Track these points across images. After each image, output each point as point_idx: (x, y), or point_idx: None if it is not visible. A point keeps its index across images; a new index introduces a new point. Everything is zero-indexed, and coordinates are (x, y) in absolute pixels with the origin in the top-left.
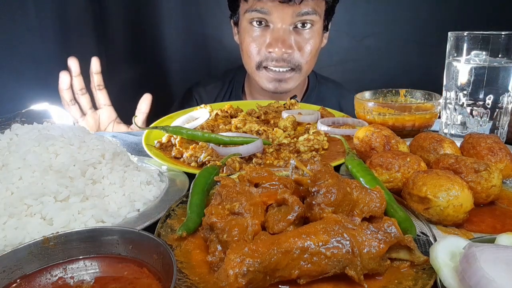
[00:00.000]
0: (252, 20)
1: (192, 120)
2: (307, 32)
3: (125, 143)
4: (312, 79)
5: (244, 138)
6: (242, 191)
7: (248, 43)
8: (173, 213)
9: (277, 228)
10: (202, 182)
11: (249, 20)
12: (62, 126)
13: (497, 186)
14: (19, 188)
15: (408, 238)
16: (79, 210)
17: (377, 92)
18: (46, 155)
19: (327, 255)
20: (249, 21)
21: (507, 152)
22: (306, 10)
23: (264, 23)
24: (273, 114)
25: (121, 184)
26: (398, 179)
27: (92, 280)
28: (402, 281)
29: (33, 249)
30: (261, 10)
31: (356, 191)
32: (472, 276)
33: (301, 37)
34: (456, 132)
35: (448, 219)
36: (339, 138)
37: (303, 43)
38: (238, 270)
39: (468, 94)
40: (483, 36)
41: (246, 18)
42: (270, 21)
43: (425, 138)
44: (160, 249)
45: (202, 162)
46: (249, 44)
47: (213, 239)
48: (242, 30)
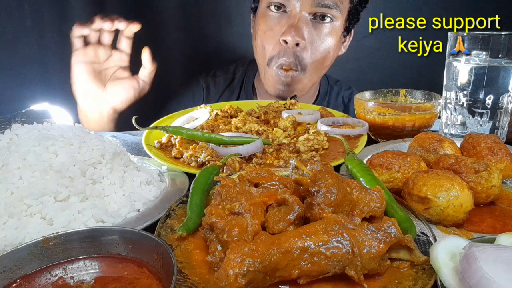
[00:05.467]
0: (270, 4)
1: (192, 120)
2: (326, 26)
3: (125, 143)
4: (323, 85)
5: (244, 138)
6: (242, 191)
7: (263, 29)
8: (173, 213)
9: (277, 228)
10: (202, 182)
11: (268, 4)
12: (62, 126)
13: (497, 186)
14: (19, 188)
15: (408, 238)
16: (79, 210)
17: (377, 92)
18: (46, 155)
19: (327, 255)
20: (268, 4)
21: (507, 152)
22: (327, 2)
23: (282, 9)
24: (273, 114)
25: (121, 184)
26: (398, 179)
27: (92, 280)
28: (402, 281)
29: (33, 249)
30: None
31: (356, 191)
32: (472, 276)
33: (318, 31)
34: (456, 132)
35: (448, 219)
36: (339, 138)
37: (317, 38)
38: (238, 270)
39: (468, 94)
40: (483, 36)
41: (265, 2)
42: (288, 6)
43: (425, 138)
44: (160, 249)
45: (202, 162)
46: (264, 31)
47: (213, 239)
48: (259, 16)
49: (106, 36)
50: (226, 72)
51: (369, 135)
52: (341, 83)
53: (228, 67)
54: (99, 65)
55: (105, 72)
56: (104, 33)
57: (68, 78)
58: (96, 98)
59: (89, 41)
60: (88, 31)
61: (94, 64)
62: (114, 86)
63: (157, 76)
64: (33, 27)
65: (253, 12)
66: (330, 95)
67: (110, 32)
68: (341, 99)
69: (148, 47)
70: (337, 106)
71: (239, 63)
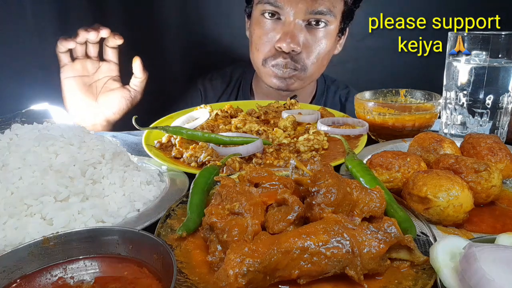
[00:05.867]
0: (264, 11)
1: (192, 120)
2: (320, 31)
3: (125, 143)
4: (320, 84)
5: (244, 138)
6: (242, 191)
7: (258, 35)
8: (173, 213)
9: (277, 228)
10: (202, 182)
11: (261, 12)
12: (62, 126)
13: (497, 186)
14: (19, 188)
15: (408, 238)
16: (79, 210)
17: (377, 92)
18: (46, 155)
19: (327, 255)
20: (261, 12)
21: (507, 152)
22: (320, 9)
23: (276, 16)
24: (273, 114)
25: (121, 184)
26: (398, 179)
27: (92, 280)
28: (402, 281)
29: (33, 249)
30: (274, 3)
31: (356, 191)
32: (472, 276)
33: (312, 36)
34: (456, 132)
35: (448, 219)
36: (339, 138)
37: (313, 42)
38: (238, 270)
39: (468, 94)
40: (483, 36)
41: (259, 9)
42: (282, 14)
43: (425, 138)
44: (160, 249)
45: (202, 162)
46: (259, 37)
47: (213, 239)
48: (253, 21)
49: (91, 48)
50: (223, 75)
51: (369, 135)
52: (338, 82)
53: (225, 70)
54: (89, 78)
55: (95, 84)
56: (89, 45)
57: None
58: (88, 111)
59: (76, 55)
60: (73, 45)
61: (84, 78)
62: (106, 97)
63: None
64: (34, 27)
65: (248, 16)
66: (327, 95)
67: (95, 43)
68: (338, 98)
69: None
70: (334, 105)
71: (236, 65)
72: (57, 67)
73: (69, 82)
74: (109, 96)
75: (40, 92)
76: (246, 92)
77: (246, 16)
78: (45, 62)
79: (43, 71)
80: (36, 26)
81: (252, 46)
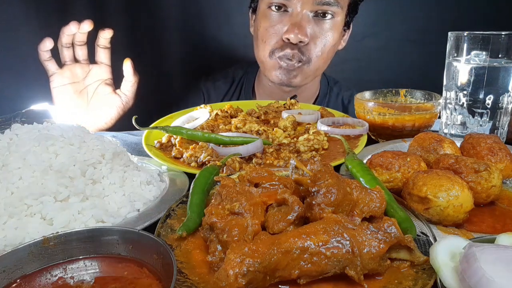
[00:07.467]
0: (271, 4)
1: (192, 120)
2: (327, 22)
3: (125, 143)
4: (323, 85)
5: (244, 138)
6: (242, 191)
7: (265, 27)
8: (173, 213)
9: (277, 228)
10: (202, 182)
11: (268, 5)
12: (62, 126)
13: (497, 186)
14: (19, 188)
15: (408, 238)
16: (79, 210)
17: (377, 92)
18: (46, 155)
19: (327, 255)
20: (268, 5)
21: (507, 152)
22: (327, 0)
23: (283, 9)
24: (273, 114)
25: (121, 184)
26: (398, 179)
27: (92, 280)
28: (402, 281)
29: (33, 249)
30: None
31: (356, 191)
32: (472, 276)
33: (320, 27)
34: (456, 132)
35: (448, 219)
36: (339, 138)
37: (319, 34)
38: (238, 270)
39: (468, 94)
40: (483, 36)
41: (265, 3)
42: (290, 6)
43: (425, 138)
44: (160, 249)
45: (202, 162)
46: (266, 29)
47: (213, 239)
48: (259, 15)
49: (79, 51)
50: (226, 75)
51: (369, 135)
52: (341, 84)
53: (227, 71)
54: (79, 84)
55: (86, 90)
56: (77, 48)
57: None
58: (80, 118)
59: (64, 60)
60: (51, 45)
61: (74, 84)
62: (97, 107)
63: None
64: (34, 26)
65: (253, 11)
66: (330, 96)
67: (82, 45)
68: (340, 100)
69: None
70: (337, 107)
71: (238, 66)
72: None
73: (59, 91)
74: (100, 107)
75: (40, 92)
76: (248, 92)
77: (251, 11)
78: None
79: (43, 71)
80: (37, 26)
81: (257, 40)
